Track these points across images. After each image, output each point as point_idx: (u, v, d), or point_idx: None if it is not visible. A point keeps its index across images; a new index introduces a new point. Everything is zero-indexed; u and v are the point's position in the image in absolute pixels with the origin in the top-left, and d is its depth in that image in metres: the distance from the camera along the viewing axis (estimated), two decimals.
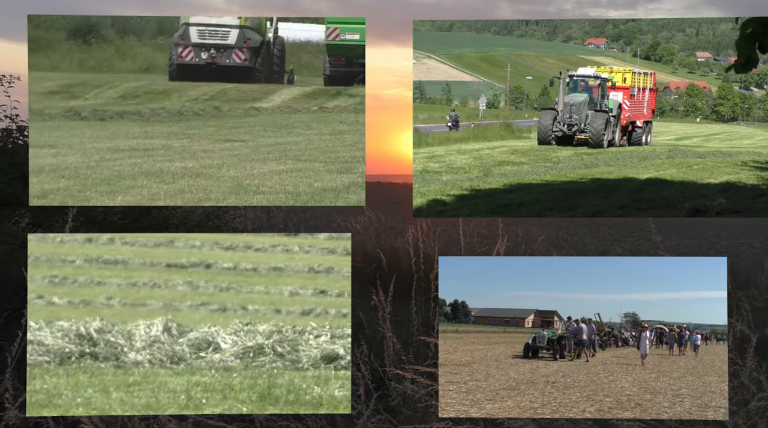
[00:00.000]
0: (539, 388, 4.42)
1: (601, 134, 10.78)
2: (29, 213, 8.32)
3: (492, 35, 17.90)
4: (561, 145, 10.69)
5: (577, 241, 13.28)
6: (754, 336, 4.67)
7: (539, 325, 5.04)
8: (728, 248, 14.62)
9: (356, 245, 10.29)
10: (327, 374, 4.47)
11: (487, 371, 4.75)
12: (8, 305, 6.14)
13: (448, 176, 7.35)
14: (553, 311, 4.88)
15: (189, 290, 5.94)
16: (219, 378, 4.39)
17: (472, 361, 4.93)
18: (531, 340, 5.09)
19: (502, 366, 4.94)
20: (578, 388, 4.44)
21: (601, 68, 12.05)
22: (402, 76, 31.00)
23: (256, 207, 11.22)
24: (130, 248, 6.62)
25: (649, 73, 12.05)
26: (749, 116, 12.90)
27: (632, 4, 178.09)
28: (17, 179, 7.91)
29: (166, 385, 4.31)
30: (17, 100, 8.84)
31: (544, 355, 5.08)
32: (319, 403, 4.22)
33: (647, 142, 11.48)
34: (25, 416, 4.19)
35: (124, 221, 8.98)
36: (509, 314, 5.07)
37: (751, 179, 7.26)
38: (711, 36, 15.72)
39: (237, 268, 6.62)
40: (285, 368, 4.52)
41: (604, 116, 11.09)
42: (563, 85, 11.90)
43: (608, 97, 11.73)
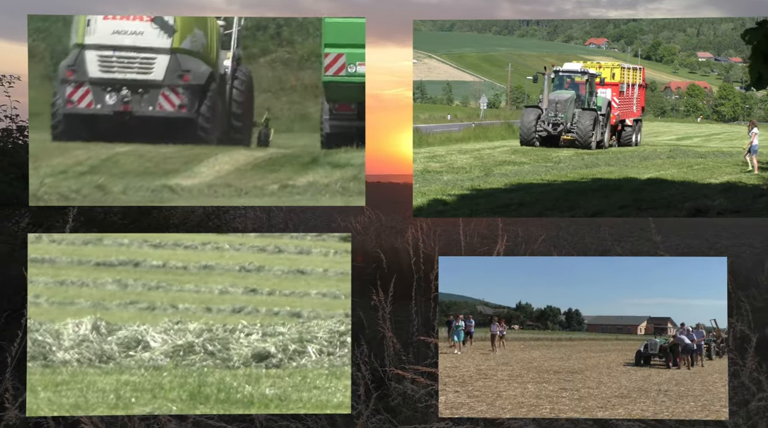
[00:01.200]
0: (651, 396, 4.35)
1: (588, 134, 10.19)
2: (29, 213, 8.32)
3: (493, 35, 17.89)
4: (545, 146, 10.07)
5: (578, 241, 13.27)
6: (754, 336, 4.66)
7: (652, 332, 4.96)
8: (728, 248, 14.60)
9: (356, 245, 10.28)
10: (258, 372, 4.44)
11: (599, 378, 4.69)
12: (8, 305, 6.14)
13: (449, 175, 7.35)
14: (666, 317, 4.80)
15: (118, 289, 5.87)
16: (149, 377, 4.35)
17: (585, 368, 4.91)
18: (643, 347, 5.01)
19: (614, 373, 4.86)
20: (692, 397, 4.35)
21: (588, 63, 11.59)
22: (402, 76, 30.97)
23: (256, 207, 11.20)
24: (57, 247, 6.51)
25: (638, 69, 11.62)
26: (750, 115, 12.88)
27: (632, 4, 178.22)
28: (17, 179, 7.91)
29: (95, 384, 4.27)
30: (17, 100, 8.84)
31: (657, 362, 4.98)
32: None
33: (637, 142, 10.95)
34: (25, 416, 4.19)
35: (124, 221, 8.98)
36: (621, 322, 5.03)
37: (751, 179, 7.26)
38: (712, 36, 15.73)
39: (166, 266, 6.49)
40: (215, 366, 4.49)
41: (591, 115, 10.47)
42: (548, 81, 11.32)
43: (596, 94, 11.13)
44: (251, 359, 4.55)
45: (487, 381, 4.49)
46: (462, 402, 4.25)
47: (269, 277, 6.00)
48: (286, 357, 4.58)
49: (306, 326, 4.87)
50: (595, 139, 10.24)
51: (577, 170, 7.98)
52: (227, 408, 4.14)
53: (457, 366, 4.62)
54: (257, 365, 4.52)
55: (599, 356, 5.17)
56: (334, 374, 4.44)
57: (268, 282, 5.98)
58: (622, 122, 10.98)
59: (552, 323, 4.91)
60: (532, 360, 5.01)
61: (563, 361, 5.11)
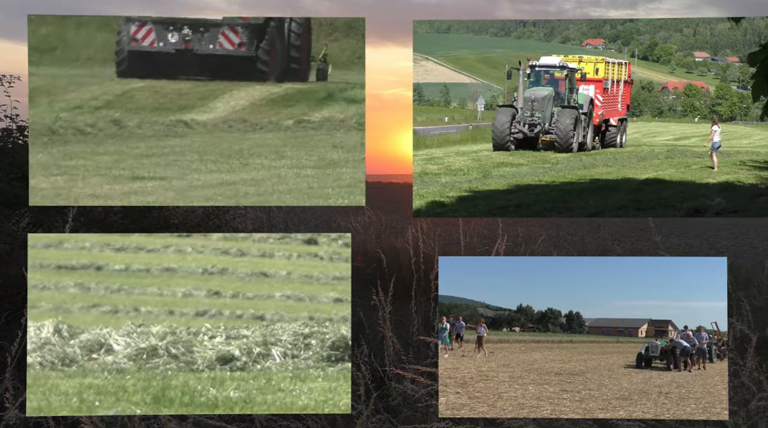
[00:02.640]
0: (652, 398, 4.36)
1: (569, 135, 9.20)
2: (29, 213, 8.32)
3: (490, 37, 17.89)
4: (522, 149, 9.14)
5: (578, 241, 13.28)
6: (754, 335, 4.67)
7: (653, 335, 4.97)
8: (728, 248, 14.64)
9: (356, 245, 10.29)
10: (222, 375, 4.43)
11: (600, 380, 4.69)
12: (8, 305, 6.15)
13: (447, 177, 7.34)
14: (667, 320, 4.80)
15: (79, 292, 5.81)
16: (112, 380, 4.32)
17: (586, 370, 4.91)
18: (644, 350, 5.03)
19: (615, 375, 4.87)
20: (693, 399, 4.36)
21: (568, 57, 10.62)
22: (402, 76, 30.95)
23: (256, 207, 11.20)
24: None
25: (624, 63, 10.78)
26: (747, 115, 12.90)
27: (632, 4, 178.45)
28: (17, 179, 7.92)
29: (58, 387, 4.24)
30: (17, 100, 8.84)
31: (658, 365, 5.00)
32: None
33: (622, 143, 10.09)
34: (25, 416, 4.19)
35: (125, 221, 8.99)
36: (623, 324, 5.04)
37: (749, 178, 7.27)
38: (708, 36, 15.74)
39: (129, 269, 6.41)
40: (179, 369, 4.46)
41: (572, 114, 9.48)
42: (523, 77, 10.38)
43: (577, 91, 10.21)
44: (215, 362, 4.53)
45: (488, 383, 4.50)
46: (463, 402, 4.26)
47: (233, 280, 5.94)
48: (250, 359, 4.57)
49: (270, 329, 4.86)
50: (577, 140, 9.33)
51: (575, 171, 7.98)
52: (191, 410, 4.12)
53: (458, 368, 4.63)
54: (221, 368, 4.50)
55: (600, 358, 5.18)
56: (299, 376, 4.42)
57: (232, 285, 5.92)
58: (606, 122, 10.07)
59: (553, 325, 4.91)
60: (533, 361, 5.01)
61: (564, 363, 5.11)
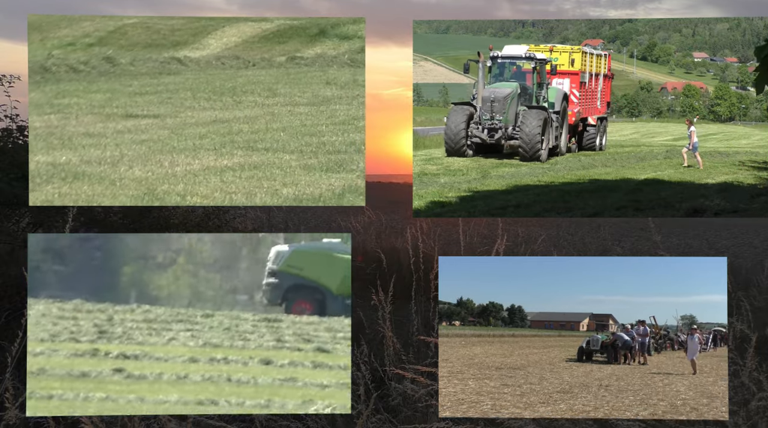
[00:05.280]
0: (592, 391, 4.42)
1: (535, 140, 7.65)
2: (29, 213, 8.32)
3: (489, 37, 17.88)
4: (480, 155, 7.80)
5: (577, 241, 13.28)
6: (754, 335, 4.68)
7: (594, 329, 5.03)
8: (728, 248, 14.66)
9: (356, 245, 10.29)
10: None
11: (541, 374, 4.75)
12: (8, 305, 6.15)
13: (446, 178, 7.34)
14: (608, 314, 4.85)
15: None
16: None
17: (527, 364, 4.96)
18: (585, 344, 5.09)
19: (556, 369, 4.93)
20: (632, 392, 4.41)
21: (539, 47, 8.87)
22: (402, 76, 30.91)
23: (256, 207, 11.21)
24: None
25: (604, 55, 9.37)
26: (746, 115, 12.90)
27: (632, 4, 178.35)
28: (17, 179, 7.92)
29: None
30: (17, 100, 8.84)
31: (599, 358, 5.07)
32: None
33: (602, 145, 8.77)
34: (25, 416, 4.19)
35: (125, 221, 8.98)
36: (564, 318, 5.06)
37: (748, 178, 7.28)
38: (707, 36, 15.75)
39: None
40: None
41: (540, 115, 7.90)
42: (483, 70, 8.68)
43: (548, 86, 8.59)
44: None
45: None
46: None
47: None
48: None
49: None
50: (547, 146, 7.82)
51: (574, 172, 7.98)
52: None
53: None
54: None
55: (542, 352, 5.21)
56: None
57: None
58: (584, 121, 8.68)
59: (494, 319, 4.91)
60: (473, 356, 4.99)
61: (505, 357, 5.14)
